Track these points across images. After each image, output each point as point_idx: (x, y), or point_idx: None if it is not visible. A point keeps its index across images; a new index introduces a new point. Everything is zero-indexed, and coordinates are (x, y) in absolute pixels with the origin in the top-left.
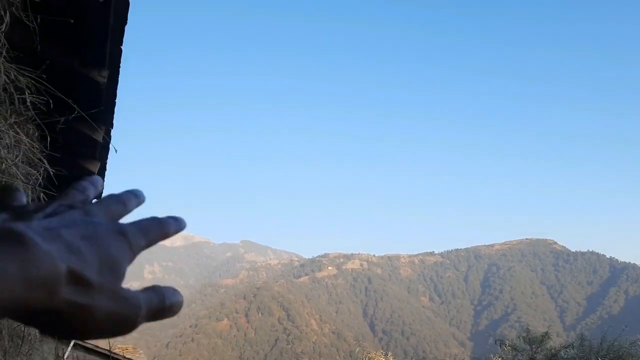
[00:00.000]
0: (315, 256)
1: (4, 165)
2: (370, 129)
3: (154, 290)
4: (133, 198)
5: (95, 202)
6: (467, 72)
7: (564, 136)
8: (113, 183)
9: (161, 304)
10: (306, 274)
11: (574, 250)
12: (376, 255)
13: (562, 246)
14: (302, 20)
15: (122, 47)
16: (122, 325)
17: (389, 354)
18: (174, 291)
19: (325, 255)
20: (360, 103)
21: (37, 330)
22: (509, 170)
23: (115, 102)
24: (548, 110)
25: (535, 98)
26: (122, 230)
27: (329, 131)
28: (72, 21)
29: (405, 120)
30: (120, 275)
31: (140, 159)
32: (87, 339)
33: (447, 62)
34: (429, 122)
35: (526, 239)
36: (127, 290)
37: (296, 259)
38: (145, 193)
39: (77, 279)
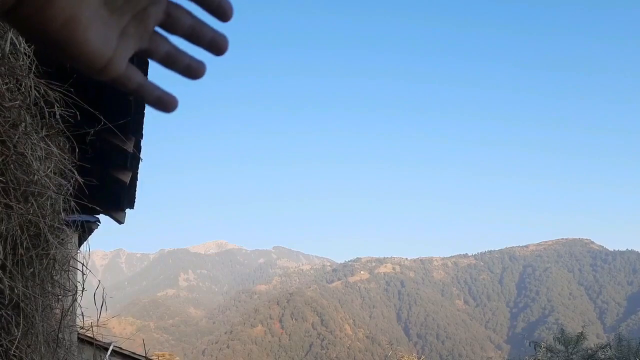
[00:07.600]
0: (347, 261)
1: (36, 176)
2: (399, 128)
3: None
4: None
5: None
6: (505, 65)
7: (597, 130)
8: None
9: None
10: (339, 279)
11: (612, 250)
12: (408, 258)
13: (600, 245)
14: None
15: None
16: None
17: (423, 357)
18: None
19: (357, 260)
20: (387, 101)
21: (74, 337)
22: (540, 168)
23: (144, 113)
24: (581, 101)
25: (564, 89)
26: None
27: (355, 131)
28: None
29: (436, 118)
30: None
31: (169, 166)
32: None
33: (453, 52)
34: (461, 120)
35: (562, 239)
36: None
37: (328, 264)
38: (174, 199)
39: None
